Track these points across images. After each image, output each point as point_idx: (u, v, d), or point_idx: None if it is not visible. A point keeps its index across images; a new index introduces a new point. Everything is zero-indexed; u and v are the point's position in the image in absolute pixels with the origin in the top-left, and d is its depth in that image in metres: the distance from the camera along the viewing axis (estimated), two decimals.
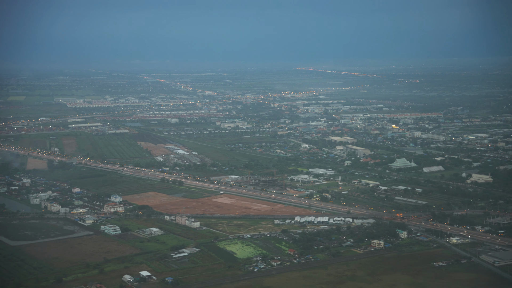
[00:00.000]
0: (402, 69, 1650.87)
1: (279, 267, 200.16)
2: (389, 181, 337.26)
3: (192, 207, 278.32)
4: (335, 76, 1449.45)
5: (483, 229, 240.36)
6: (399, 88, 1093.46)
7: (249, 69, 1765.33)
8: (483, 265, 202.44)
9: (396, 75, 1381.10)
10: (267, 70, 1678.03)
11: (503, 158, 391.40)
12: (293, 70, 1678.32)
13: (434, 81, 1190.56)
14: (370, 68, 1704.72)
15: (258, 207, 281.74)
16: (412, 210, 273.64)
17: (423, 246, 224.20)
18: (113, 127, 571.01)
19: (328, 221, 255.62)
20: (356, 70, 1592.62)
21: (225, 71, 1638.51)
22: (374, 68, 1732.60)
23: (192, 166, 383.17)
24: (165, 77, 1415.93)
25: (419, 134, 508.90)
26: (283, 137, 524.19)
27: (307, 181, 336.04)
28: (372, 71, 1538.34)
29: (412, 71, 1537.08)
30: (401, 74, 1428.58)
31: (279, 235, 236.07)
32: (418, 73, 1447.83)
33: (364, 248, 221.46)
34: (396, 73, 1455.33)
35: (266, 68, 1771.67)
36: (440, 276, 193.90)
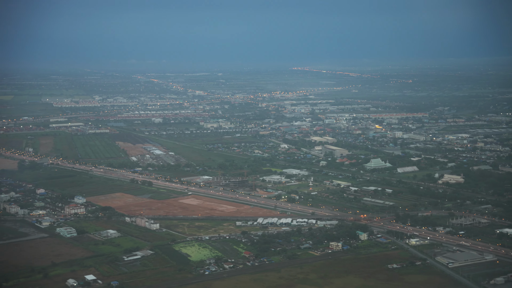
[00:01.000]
0: (398, 69, 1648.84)
1: (231, 270, 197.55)
2: (361, 182, 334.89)
3: (156, 208, 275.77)
4: (329, 76, 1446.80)
5: (444, 230, 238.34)
6: (391, 88, 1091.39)
7: (244, 69, 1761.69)
8: (437, 267, 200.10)
9: (390, 75, 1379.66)
10: (262, 70, 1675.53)
11: (479, 159, 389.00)
12: (288, 70, 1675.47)
13: (427, 81, 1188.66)
14: (365, 68, 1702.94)
15: (223, 208, 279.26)
16: (378, 211, 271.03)
17: (381, 248, 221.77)
18: (94, 127, 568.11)
19: (290, 222, 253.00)
20: (352, 70, 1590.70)
21: (221, 71, 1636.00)
22: (369, 68, 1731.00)
23: (166, 167, 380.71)
24: (159, 77, 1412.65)
25: (400, 134, 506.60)
26: (264, 137, 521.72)
27: (278, 182, 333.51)
28: (367, 71, 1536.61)
29: (407, 71, 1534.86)
30: (395, 74, 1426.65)
31: (238, 237, 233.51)
32: (413, 73, 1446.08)
33: (322, 250, 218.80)
34: (391, 73, 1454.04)
35: (262, 68, 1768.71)
36: (392, 278, 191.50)
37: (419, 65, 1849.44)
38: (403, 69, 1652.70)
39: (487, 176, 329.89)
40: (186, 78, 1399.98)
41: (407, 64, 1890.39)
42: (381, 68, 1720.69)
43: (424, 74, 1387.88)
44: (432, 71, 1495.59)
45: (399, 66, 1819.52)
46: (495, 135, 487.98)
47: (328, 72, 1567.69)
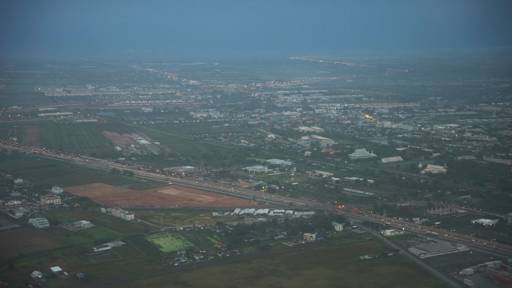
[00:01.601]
0: (395, 59, 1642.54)
1: (201, 261, 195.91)
2: (344, 172, 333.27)
3: (134, 198, 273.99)
4: (326, 66, 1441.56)
5: (420, 221, 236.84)
6: (386, 78, 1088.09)
7: (242, 59, 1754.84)
8: (408, 258, 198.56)
9: (387, 65, 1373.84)
10: (259, 60, 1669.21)
11: (465, 149, 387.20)
12: (285, 60, 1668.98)
13: (423, 71, 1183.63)
14: (363, 58, 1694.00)
15: (202, 198, 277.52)
16: (357, 201, 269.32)
17: (356, 239, 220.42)
18: (82, 117, 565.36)
19: (267, 213, 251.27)
20: (349, 60, 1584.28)
21: (218, 60, 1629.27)
22: (367, 58, 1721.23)
23: (150, 157, 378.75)
24: (155, 67, 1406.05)
25: (389, 124, 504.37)
26: (253, 127, 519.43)
27: (260, 172, 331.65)
28: (365, 61, 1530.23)
29: (404, 61, 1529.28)
30: (392, 64, 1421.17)
31: (213, 227, 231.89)
32: (410, 63, 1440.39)
33: (296, 241, 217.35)
34: (387, 63, 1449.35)
35: (260, 58, 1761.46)
36: (362, 269, 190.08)
37: (417, 54, 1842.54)
38: (400, 58, 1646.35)
39: (470, 166, 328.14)
40: (182, 67, 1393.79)
41: (405, 54, 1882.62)
42: (379, 57, 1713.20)
43: (420, 64, 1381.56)
44: (429, 61, 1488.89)
45: (397, 55, 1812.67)
46: (484, 125, 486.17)
47: (325, 62, 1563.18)
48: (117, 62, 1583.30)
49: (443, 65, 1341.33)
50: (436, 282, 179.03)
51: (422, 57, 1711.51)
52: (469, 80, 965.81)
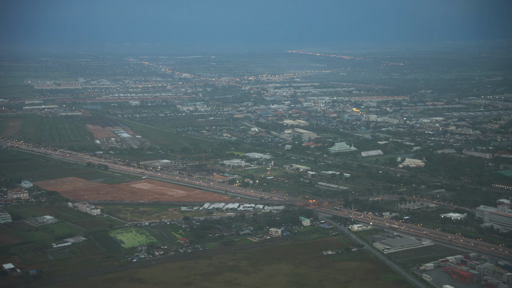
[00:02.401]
0: (392, 52, 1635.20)
1: (161, 257, 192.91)
2: (322, 166, 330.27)
3: (105, 193, 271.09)
4: (322, 59, 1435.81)
5: (390, 215, 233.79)
6: (380, 71, 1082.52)
7: (239, 52, 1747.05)
8: (372, 253, 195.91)
9: (383, 58, 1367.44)
10: (257, 53, 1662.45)
11: (447, 142, 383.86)
12: (282, 53, 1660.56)
13: (418, 64, 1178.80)
14: (361, 51, 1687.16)
15: (173, 193, 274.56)
16: (330, 196, 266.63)
17: (322, 234, 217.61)
18: (67, 110, 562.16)
19: (237, 208, 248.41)
20: (347, 53, 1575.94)
21: (215, 54, 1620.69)
22: (365, 51, 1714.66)
23: (128, 150, 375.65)
24: (151, 60, 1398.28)
25: (374, 118, 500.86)
26: (238, 120, 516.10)
27: (237, 166, 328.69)
28: (361, 54, 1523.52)
29: (401, 54, 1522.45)
30: (388, 57, 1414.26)
31: (179, 222, 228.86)
32: (407, 56, 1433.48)
33: (261, 236, 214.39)
34: (384, 56, 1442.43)
35: (257, 51, 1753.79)
36: (323, 265, 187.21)
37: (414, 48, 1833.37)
38: (398, 52, 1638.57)
39: (449, 160, 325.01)
40: (178, 60, 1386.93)
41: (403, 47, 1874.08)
42: (376, 51, 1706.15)
43: (417, 57, 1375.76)
44: (425, 54, 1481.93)
45: (394, 49, 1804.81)
46: (470, 118, 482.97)
47: (322, 55, 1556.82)
48: (114, 55, 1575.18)
49: (439, 58, 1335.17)
50: (395, 278, 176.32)
51: (420, 50, 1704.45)
52: (462, 73, 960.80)
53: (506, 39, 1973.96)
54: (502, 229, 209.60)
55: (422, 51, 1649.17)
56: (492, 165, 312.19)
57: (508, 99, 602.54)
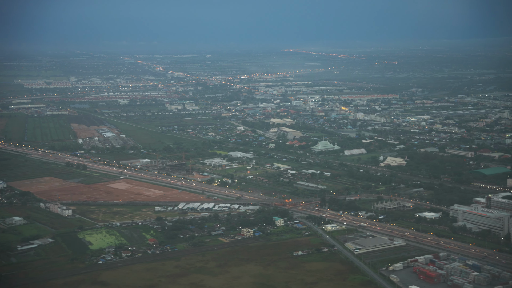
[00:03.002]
0: (388, 50, 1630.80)
1: (128, 258, 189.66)
2: (303, 165, 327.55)
3: (80, 193, 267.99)
4: (317, 58, 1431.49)
5: (365, 215, 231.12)
6: (374, 69, 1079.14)
7: (236, 51, 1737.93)
8: (342, 253, 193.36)
9: (379, 57, 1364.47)
10: (253, 52, 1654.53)
11: (431, 141, 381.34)
12: (278, 52, 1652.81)
13: (413, 63, 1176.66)
14: (357, 50, 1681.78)
15: (150, 192, 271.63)
16: (307, 195, 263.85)
17: (295, 234, 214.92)
18: (54, 109, 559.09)
19: (212, 208, 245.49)
20: (343, 52, 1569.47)
21: (211, 52, 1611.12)
22: (361, 49, 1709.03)
23: (110, 149, 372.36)
24: (147, 59, 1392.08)
25: (362, 116, 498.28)
26: (225, 119, 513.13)
27: (218, 165, 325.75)
28: (357, 53, 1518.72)
29: (397, 52, 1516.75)
30: (384, 55, 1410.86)
31: (152, 223, 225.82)
32: (402, 54, 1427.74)
33: (232, 237, 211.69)
34: (379, 55, 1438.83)
35: (254, 50, 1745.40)
36: (292, 266, 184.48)
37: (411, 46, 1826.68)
38: (394, 50, 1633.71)
39: (431, 159, 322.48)
40: (173, 59, 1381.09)
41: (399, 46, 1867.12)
42: (372, 49, 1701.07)
43: (412, 56, 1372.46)
44: (421, 53, 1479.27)
45: (391, 47, 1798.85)
46: (457, 117, 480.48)
47: (317, 54, 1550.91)
48: (109, 54, 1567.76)
49: (434, 56, 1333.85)
50: (362, 279, 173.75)
51: (416, 49, 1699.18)
52: (455, 72, 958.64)
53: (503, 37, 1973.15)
54: (475, 228, 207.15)
55: (418, 50, 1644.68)
56: (473, 163, 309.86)
57: (497, 98, 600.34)
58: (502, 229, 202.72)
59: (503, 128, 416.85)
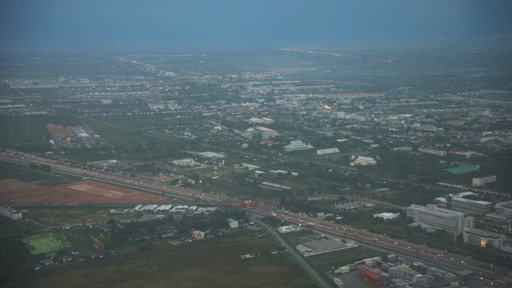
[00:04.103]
0: (385, 49, 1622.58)
1: (68, 264, 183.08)
2: (273, 165, 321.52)
3: (37, 195, 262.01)
4: (312, 57, 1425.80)
5: (321, 216, 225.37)
6: (366, 68, 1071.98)
7: (232, 50, 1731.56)
8: (292, 256, 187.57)
9: (374, 55, 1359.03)
10: (249, 51, 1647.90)
11: (406, 139, 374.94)
12: (275, 51, 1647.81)
13: (407, 61, 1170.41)
14: (354, 49, 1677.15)
15: (110, 194, 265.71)
16: (270, 196, 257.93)
17: (248, 236, 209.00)
18: (34, 109, 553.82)
19: (169, 209, 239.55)
20: (340, 51, 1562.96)
21: (207, 52, 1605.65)
22: (358, 48, 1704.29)
23: (80, 150, 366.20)
24: (142, 58, 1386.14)
25: (342, 115, 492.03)
26: (206, 118, 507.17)
27: (186, 166, 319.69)
28: (354, 51, 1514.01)
29: (393, 51, 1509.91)
30: (379, 54, 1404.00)
31: (103, 226, 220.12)
32: (398, 53, 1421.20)
33: (183, 240, 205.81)
34: (375, 53, 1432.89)
35: (250, 49, 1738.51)
36: (237, 270, 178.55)
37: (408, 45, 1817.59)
38: (391, 49, 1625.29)
39: (402, 158, 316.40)
40: (168, 59, 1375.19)
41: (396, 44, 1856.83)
42: (369, 48, 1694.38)
43: (407, 54, 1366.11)
44: (417, 51, 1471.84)
45: (388, 46, 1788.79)
46: (438, 115, 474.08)
47: (313, 53, 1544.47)
48: (105, 54, 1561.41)
49: (429, 55, 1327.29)
50: (306, 282, 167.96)
51: (412, 47, 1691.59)
52: (446, 70, 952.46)
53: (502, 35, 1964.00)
54: (430, 228, 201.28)
55: (413, 48, 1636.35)
56: (444, 162, 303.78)
57: (483, 96, 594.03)
58: (456, 229, 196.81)
59: (481, 127, 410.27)
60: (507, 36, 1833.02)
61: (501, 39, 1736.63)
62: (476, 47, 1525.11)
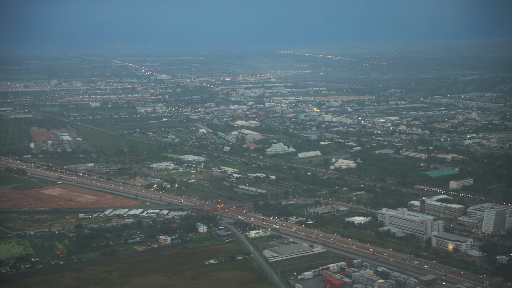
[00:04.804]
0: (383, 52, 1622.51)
1: (26, 271, 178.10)
2: (252, 168, 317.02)
3: (7, 199, 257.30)
4: (309, 60, 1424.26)
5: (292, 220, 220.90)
6: (360, 71, 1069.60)
7: (230, 53, 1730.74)
8: (257, 261, 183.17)
9: (371, 58, 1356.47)
10: (247, 54, 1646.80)
11: (390, 142, 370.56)
12: (272, 54, 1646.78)
13: (402, 64, 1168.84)
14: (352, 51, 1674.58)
15: (82, 198, 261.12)
16: (245, 199, 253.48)
17: (215, 241, 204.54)
18: (21, 112, 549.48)
19: (139, 214, 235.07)
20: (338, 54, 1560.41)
21: (206, 55, 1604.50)
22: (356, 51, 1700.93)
23: (59, 153, 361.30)
24: (138, 61, 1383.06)
25: (329, 118, 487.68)
26: (192, 121, 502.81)
27: (164, 169, 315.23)
28: (352, 54, 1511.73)
29: (391, 54, 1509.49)
30: (376, 57, 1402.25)
31: (70, 231, 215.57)
32: (395, 56, 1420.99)
33: (148, 245, 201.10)
34: (372, 56, 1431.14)
35: (248, 52, 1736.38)
36: (200, 276, 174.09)
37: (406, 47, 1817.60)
38: (388, 52, 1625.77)
39: (383, 161, 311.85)
40: (164, 62, 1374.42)
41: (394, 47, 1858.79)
42: (367, 51, 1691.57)
43: (403, 57, 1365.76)
44: (414, 54, 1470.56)
45: (386, 48, 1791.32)
46: (425, 118, 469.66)
47: (310, 56, 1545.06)
48: (102, 57, 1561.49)
49: (425, 57, 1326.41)
50: None
51: (410, 50, 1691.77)
52: (440, 73, 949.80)
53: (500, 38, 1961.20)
54: (400, 232, 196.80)
55: (411, 51, 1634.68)
56: (424, 165, 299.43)
57: (472, 98, 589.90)
58: (425, 233, 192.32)
59: (467, 129, 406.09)
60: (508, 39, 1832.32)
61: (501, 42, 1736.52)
62: (473, 49, 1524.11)
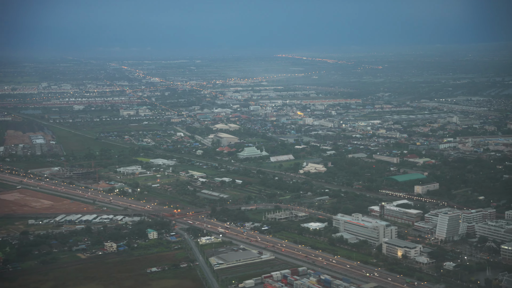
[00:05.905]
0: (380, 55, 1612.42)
1: None
2: (221, 172, 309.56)
3: None
4: (305, 63, 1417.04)
5: (248, 226, 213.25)
6: (353, 74, 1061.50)
7: (228, 56, 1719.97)
8: (202, 269, 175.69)
9: (368, 62, 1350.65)
10: (244, 57, 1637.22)
11: (366, 146, 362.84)
12: (270, 57, 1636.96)
13: (397, 67, 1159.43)
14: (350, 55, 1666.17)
15: (38, 203, 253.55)
16: (206, 204, 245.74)
17: (163, 248, 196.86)
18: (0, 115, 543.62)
19: (92, 220, 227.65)
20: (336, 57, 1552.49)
21: (203, 58, 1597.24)
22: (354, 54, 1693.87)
23: (28, 157, 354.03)
24: (135, 65, 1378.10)
25: (310, 121, 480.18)
26: (173, 124, 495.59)
27: (131, 173, 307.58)
28: (349, 58, 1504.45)
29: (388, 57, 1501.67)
30: (373, 60, 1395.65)
31: (14, 238, 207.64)
32: (392, 59, 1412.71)
33: (92, 252, 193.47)
34: (369, 60, 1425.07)
35: (246, 55, 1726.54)
36: (138, 285, 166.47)
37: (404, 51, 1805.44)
38: (386, 55, 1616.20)
39: (354, 165, 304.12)
40: (160, 65, 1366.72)
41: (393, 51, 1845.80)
42: (365, 54, 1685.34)
43: (400, 61, 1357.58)
44: (411, 57, 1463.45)
45: (384, 52, 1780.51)
46: (407, 121, 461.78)
47: (307, 59, 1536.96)
48: (99, 60, 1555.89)
49: (421, 61, 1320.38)
50: None
51: (407, 53, 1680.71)
52: (432, 76, 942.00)
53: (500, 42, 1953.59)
54: (353, 238, 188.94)
55: (409, 55, 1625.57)
56: (394, 169, 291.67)
57: (459, 102, 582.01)
58: (377, 239, 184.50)
59: (445, 133, 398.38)
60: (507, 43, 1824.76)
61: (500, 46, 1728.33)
62: (471, 53, 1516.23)
